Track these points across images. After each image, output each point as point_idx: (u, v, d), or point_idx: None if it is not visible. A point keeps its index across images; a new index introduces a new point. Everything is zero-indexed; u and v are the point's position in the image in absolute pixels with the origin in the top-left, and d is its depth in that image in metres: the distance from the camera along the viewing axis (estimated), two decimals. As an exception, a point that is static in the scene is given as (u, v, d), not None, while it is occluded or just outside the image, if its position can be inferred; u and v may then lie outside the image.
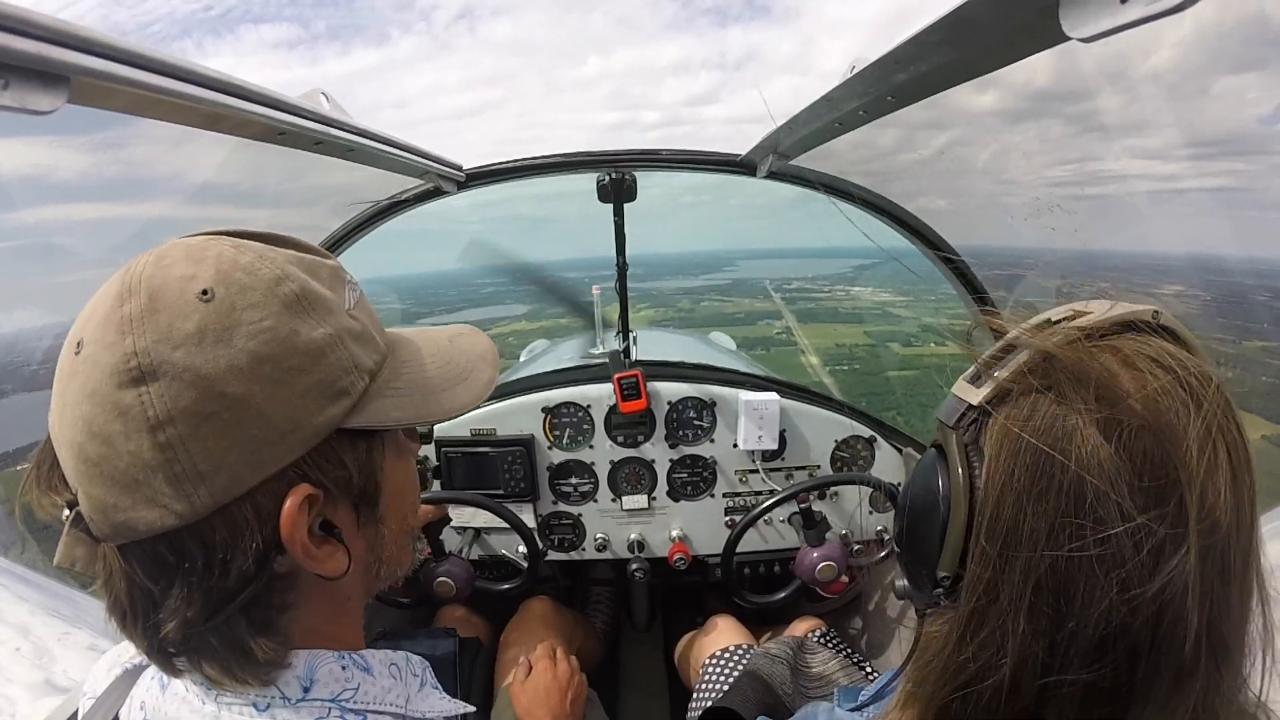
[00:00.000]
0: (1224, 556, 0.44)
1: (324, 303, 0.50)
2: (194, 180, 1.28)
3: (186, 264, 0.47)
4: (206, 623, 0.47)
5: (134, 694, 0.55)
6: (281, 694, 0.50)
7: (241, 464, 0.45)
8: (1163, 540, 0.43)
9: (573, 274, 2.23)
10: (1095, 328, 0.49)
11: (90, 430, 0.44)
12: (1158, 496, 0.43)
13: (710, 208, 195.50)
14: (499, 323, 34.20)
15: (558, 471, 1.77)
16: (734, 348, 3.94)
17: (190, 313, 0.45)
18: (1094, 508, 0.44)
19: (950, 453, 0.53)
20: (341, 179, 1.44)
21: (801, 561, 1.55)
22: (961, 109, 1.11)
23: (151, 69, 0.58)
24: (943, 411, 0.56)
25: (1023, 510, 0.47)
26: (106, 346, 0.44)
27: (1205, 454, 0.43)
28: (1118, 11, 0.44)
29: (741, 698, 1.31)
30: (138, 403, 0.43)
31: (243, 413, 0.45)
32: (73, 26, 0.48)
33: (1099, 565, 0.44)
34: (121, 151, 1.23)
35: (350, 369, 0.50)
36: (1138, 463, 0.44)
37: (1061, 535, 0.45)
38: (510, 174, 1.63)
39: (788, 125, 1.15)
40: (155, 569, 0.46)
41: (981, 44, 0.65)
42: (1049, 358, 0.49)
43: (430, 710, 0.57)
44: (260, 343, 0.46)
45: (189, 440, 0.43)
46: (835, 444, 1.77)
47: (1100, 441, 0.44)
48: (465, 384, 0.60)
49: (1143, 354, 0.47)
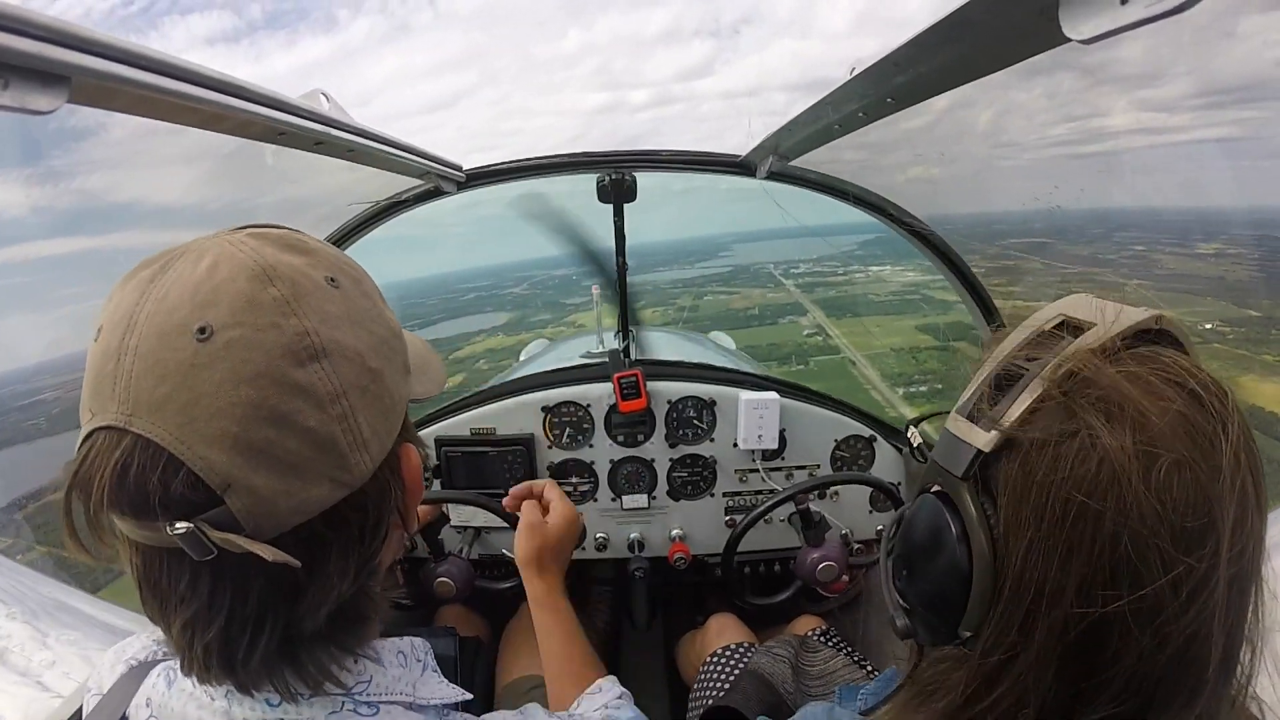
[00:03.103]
0: (1246, 574, 0.43)
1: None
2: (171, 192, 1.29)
3: (294, 253, 0.49)
4: (351, 590, 0.50)
5: (141, 691, 0.55)
6: (308, 690, 0.50)
7: (384, 430, 0.50)
8: (1199, 578, 0.41)
9: (565, 271, 2.22)
10: (1107, 345, 0.45)
11: (259, 415, 0.43)
12: (1198, 537, 0.41)
13: (701, 193, 41.08)
14: (473, 338, 29.49)
15: (557, 471, 1.77)
16: (734, 347, 3.93)
17: (331, 297, 0.48)
18: (1131, 559, 0.41)
19: (965, 509, 0.47)
20: (342, 180, 1.44)
21: (802, 562, 1.55)
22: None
23: (151, 69, 0.58)
24: (942, 454, 0.50)
25: (1051, 568, 0.43)
26: (266, 328, 0.44)
27: (1236, 482, 0.42)
28: (1118, 12, 0.44)
29: (743, 696, 1.31)
30: (317, 378, 0.45)
31: (380, 384, 0.50)
32: (73, 26, 0.48)
33: (1134, 618, 0.41)
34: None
35: (405, 347, 0.57)
36: (1178, 506, 0.41)
37: (1095, 591, 0.42)
38: (511, 174, 1.63)
39: (787, 127, 1.15)
40: (310, 550, 0.46)
41: (981, 45, 0.65)
42: (1069, 390, 0.44)
43: (433, 695, 0.58)
44: (377, 325, 0.52)
45: (356, 411, 0.47)
46: (835, 443, 1.77)
47: (1141, 488, 0.41)
48: (434, 367, 0.66)
49: (1163, 376, 0.43)
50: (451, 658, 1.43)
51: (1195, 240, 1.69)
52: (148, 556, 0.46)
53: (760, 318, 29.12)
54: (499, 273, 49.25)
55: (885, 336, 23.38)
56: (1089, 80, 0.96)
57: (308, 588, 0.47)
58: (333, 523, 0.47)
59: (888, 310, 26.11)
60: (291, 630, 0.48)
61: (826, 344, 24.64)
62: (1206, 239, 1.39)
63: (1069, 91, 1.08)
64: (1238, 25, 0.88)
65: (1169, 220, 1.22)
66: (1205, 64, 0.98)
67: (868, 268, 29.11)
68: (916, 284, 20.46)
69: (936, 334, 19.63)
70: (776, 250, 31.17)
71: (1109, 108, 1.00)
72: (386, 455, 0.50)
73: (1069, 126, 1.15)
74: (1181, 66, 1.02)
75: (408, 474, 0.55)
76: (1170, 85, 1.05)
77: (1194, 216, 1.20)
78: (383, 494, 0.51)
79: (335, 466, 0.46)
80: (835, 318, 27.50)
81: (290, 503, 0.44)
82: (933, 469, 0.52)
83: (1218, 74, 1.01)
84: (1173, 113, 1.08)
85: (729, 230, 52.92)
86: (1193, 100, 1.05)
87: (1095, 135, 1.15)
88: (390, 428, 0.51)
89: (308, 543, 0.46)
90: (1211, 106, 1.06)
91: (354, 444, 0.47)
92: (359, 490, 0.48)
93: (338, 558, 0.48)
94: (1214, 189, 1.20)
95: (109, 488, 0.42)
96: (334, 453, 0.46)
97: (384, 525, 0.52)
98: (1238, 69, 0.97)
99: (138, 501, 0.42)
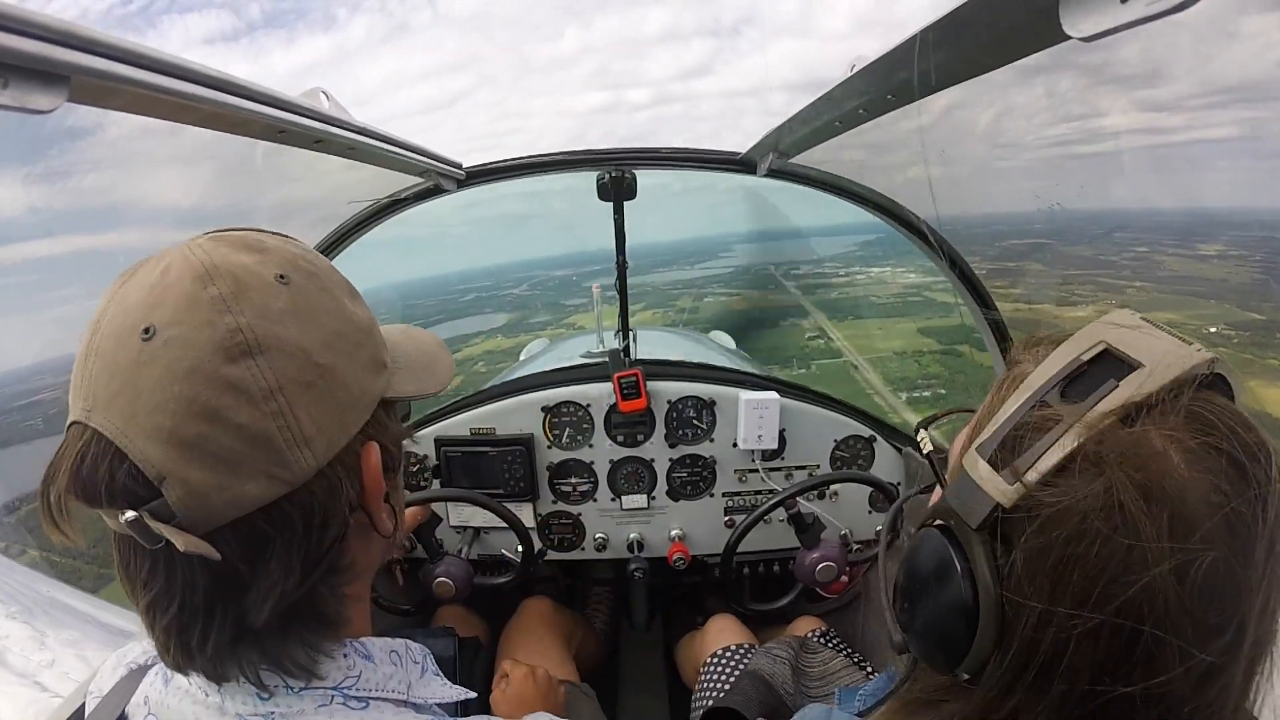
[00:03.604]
0: (1262, 654, 0.41)
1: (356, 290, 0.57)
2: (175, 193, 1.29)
3: (247, 252, 0.49)
4: (299, 589, 0.49)
5: (139, 690, 0.56)
6: (285, 682, 0.51)
7: (334, 427, 0.49)
8: (1214, 665, 0.39)
9: (563, 271, 2.22)
10: (1152, 401, 0.41)
11: (190, 410, 0.44)
12: (1219, 630, 0.39)
13: (700, 195, 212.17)
14: (471, 340, 30.07)
15: (557, 471, 1.77)
16: (734, 347, 3.93)
17: (277, 293, 0.48)
18: (1149, 647, 0.39)
19: (976, 563, 0.44)
20: (340, 180, 1.44)
21: (801, 563, 1.55)
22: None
23: (151, 68, 0.58)
24: (957, 497, 0.46)
25: (1065, 645, 0.40)
26: (201, 325, 0.45)
27: (1267, 570, 0.39)
28: (1118, 11, 0.44)
29: (743, 697, 1.31)
30: (249, 374, 0.45)
31: (331, 380, 0.49)
32: (73, 26, 0.48)
33: (1143, 701, 0.40)
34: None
35: (382, 345, 0.57)
36: (1205, 601, 0.38)
37: (1106, 674, 0.40)
38: (510, 172, 1.63)
39: (788, 124, 1.15)
40: (251, 546, 0.46)
41: (981, 43, 0.65)
42: (1105, 456, 0.40)
43: (433, 696, 0.58)
44: (335, 320, 0.51)
45: (295, 407, 0.47)
46: (835, 443, 1.77)
47: (1171, 580, 0.38)
48: (438, 364, 0.65)
49: (1208, 444, 0.40)
50: (450, 658, 1.43)
51: (1196, 241, 1.68)
52: (120, 543, 0.48)
53: (762, 320, 27.58)
54: (498, 273, 49.11)
55: (887, 340, 22.73)
56: (1089, 80, 0.95)
57: (250, 583, 0.47)
58: (274, 520, 0.47)
59: (889, 312, 25.37)
60: (242, 624, 0.48)
61: (829, 347, 23.71)
62: (1207, 240, 1.38)
63: (1068, 90, 1.08)
64: (1240, 25, 0.88)
65: (1170, 221, 1.21)
66: (1205, 64, 0.98)
67: (868, 269, 28.55)
68: (918, 285, 20.10)
69: (938, 337, 20.09)
70: (776, 251, 30.70)
71: (1108, 107, 1.00)
72: (340, 452, 0.50)
73: (1068, 126, 1.15)
74: (1181, 66, 1.01)
75: (367, 473, 0.53)
76: (1171, 85, 1.04)
77: (1195, 217, 1.19)
78: (331, 492, 0.49)
79: (271, 463, 0.46)
80: (837, 320, 26.48)
81: (224, 497, 0.45)
82: (944, 508, 0.48)
83: (1218, 74, 1.01)
84: (1174, 112, 1.07)
85: (730, 231, 52.43)
86: (1193, 100, 1.05)
87: (1095, 135, 1.14)
88: (344, 424, 0.50)
89: (248, 538, 0.46)
90: (1213, 106, 1.06)
91: (292, 440, 0.46)
92: (303, 488, 0.47)
93: (281, 554, 0.47)
94: (1215, 190, 1.19)
95: (69, 476, 0.45)
96: (269, 448, 0.46)
97: (334, 524, 0.50)
98: (1239, 70, 0.97)
99: (90, 489, 0.45)
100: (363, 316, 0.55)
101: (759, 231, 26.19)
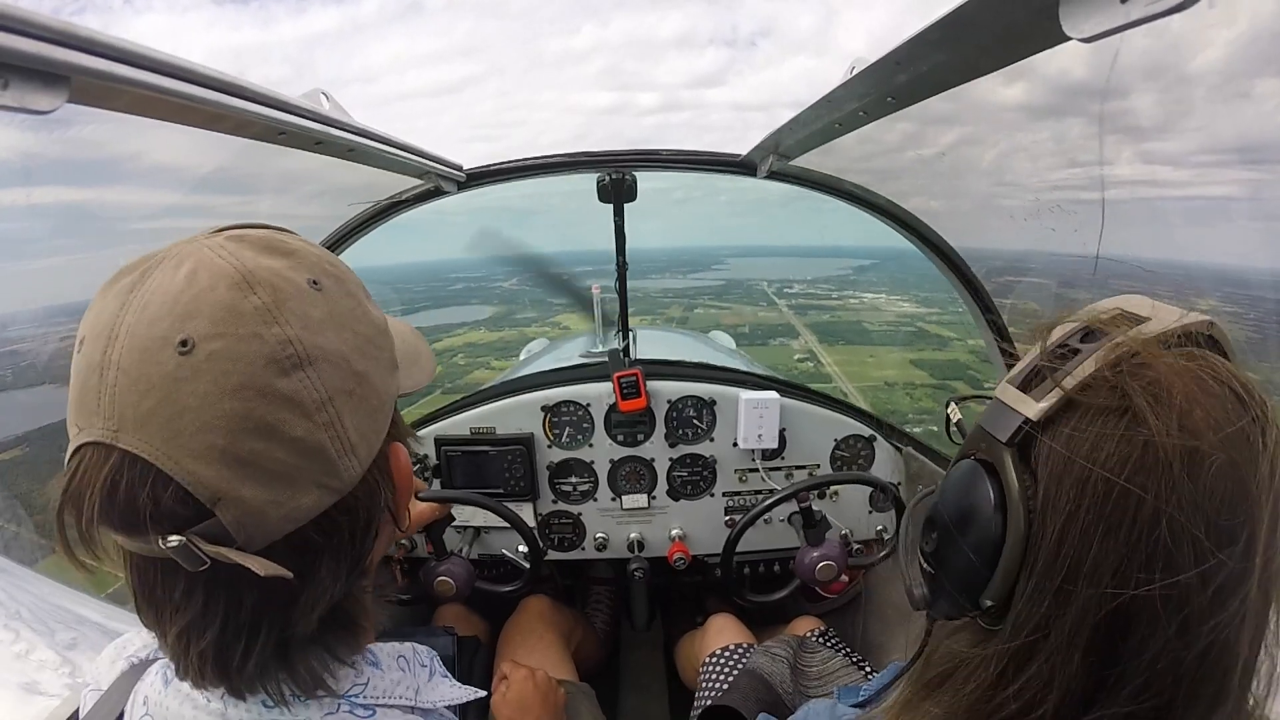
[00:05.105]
0: (1274, 581, 0.43)
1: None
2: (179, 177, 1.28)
3: (275, 256, 0.48)
4: (342, 593, 0.50)
5: (138, 689, 0.55)
6: (295, 691, 0.50)
7: (372, 431, 0.50)
8: (1228, 578, 0.42)
9: (561, 271, 2.23)
10: (1164, 337, 0.46)
11: (244, 427, 0.42)
12: (1230, 535, 0.42)
13: (699, 204, 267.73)
14: (454, 330, 28.32)
15: (557, 470, 1.77)
16: (734, 346, 3.94)
17: (314, 301, 0.48)
18: (1167, 545, 0.42)
19: (1006, 476, 0.48)
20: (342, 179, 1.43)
21: (801, 561, 1.55)
22: (980, 102, 1.07)
23: (151, 69, 0.58)
24: (989, 420, 0.51)
25: (1088, 546, 0.44)
26: (248, 338, 0.43)
27: (1272, 488, 0.42)
28: (1118, 11, 0.44)
29: (742, 696, 1.32)
30: (301, 387, 0.45)
31: (366, 386, 0.50)
32: (73, 26, 0.48)
33: (1163, 605, 0.42)
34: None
35: (393, 344, 0.56)
36: (1216, 500, 0.42)
37: (1128, 574, 0.42)
38: (511, 174, 1.63)
39: (788, 126, 1.15)
40: (302, 557, 0.46)
41: (981, 44, 0.65)
42: (1122, 371, 0.45)
43: (440, 699, 0.58)
44: (362, 324, 0.51)
45: (343, 416, 0.47)
46: (835, 443, 1.77)
47: (1184, 478, 0.42)
48: (422, 358, 0.65)
49: (1211, 374, 0.44)
50: (450, 657, 1.43)
51: (1190, 295, 1.69)
52: (142, 567, 0.46)
53: (750, 336, 27.75)
54: (492, 265, 48.57)
55: (878, 368, 23.03)
56: (1095, 129, 0.96)
57: (301, 593, 0.47)
58: (324, 528, 0.47)
59: (881, 340, 25.93)
60: (286, 634, 0.47)
61: (818, 371, 23.99)
62: (1200, 295, 1.41)
63: (1075, 137, 1.09)
64: (1252, 87, 0.90)
65: (1167, 273, 1.24)
66: (1212, 121, 1.00)
67: (861, 295, 29.25)
68: (911, 315, 20.58)
69: (932, 370, 20.36)
70: (771, 267, 30.42)
71: (1114, 156, 1.02)
72: (375, 456, 0.50)
73: (1069, 172, 1.16)
74: (1192, 122, 1.03)
75: (397, 473, 0.55)
76: (1177, 139, 1.06)
77: (1196, 271, 1.22)
78: (372, 495, 0.51)
79: (324, 473, 0.46)
80: (828, 344, 26.97)
81: (280, 512, 0.44)
82: (976, 435, 0.52)
83: (1224, 132, 1.03)
84: (1177, 167, 1.09)
85: (725, 243, 52.08)
86: (1198, 156, 1.07)
87: (1095, 182, 1.15)
88: (378, 428, 0.51)
89: (300, 550, 0.46)
90: (1218, 165, 1.07)
91: (342, 450, 0.47)
92: (349, 494, 0.48)
93: (330, 561, 0.48)
94: (1213, 245, 1.24)
95: (99, 504, 0.42)
96: (322, 460, 0.46)
97: (374, 526, 0.52)
98: (1245, 129, 1.00)
99: (129, 517, 0.42)
100: (378, 317, 0.55)
101: (754, 246, 26.11)
